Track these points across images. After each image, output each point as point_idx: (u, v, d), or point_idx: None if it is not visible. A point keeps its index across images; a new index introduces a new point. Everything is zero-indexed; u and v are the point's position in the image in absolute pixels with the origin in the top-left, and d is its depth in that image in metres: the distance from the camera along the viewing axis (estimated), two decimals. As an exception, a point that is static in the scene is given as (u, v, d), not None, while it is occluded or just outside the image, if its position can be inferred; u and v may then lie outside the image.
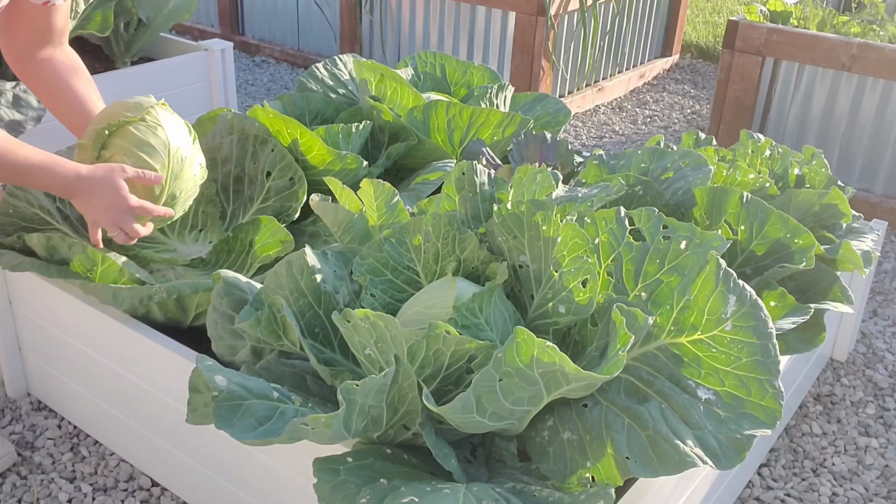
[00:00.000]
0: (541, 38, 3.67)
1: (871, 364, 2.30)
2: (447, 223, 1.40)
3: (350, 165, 1.99)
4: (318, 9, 4.48)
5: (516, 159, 1.99)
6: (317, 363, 1.31)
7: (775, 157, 1.96)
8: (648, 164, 1.81)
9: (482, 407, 1.12)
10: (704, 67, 4.84)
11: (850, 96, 3.13)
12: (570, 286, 1.26)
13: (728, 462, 1.11)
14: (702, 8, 6.01)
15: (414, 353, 1.16)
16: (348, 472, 1.12)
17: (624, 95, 4.35)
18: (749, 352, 1.15)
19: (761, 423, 1.13)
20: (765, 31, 3.19)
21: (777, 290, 1.52)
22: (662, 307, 1.22)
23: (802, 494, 1.84)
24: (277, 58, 4.70)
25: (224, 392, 1.16)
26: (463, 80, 2.51)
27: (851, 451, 1.98)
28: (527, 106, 2.45)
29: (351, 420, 1.12)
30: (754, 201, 1.60)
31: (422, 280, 1.43)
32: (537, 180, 1.50)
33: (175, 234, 1.93)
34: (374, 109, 2.18)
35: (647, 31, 4.52)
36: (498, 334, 1.27)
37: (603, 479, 1.15)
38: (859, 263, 1.68)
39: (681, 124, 4.00)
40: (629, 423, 1.17)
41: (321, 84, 2.39)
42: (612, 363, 1.10)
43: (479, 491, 1.09)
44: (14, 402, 1.97)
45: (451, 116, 2.13)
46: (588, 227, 1.29)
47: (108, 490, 1.75)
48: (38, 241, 1.70)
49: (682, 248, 1.24)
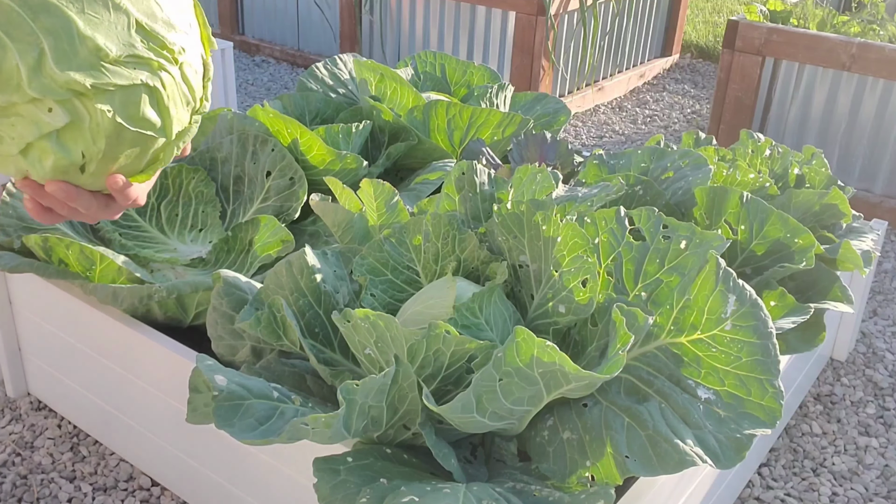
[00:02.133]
0: (541, 38, 3.67)
1: (871, 364, 2.30)
2: (447, 223, 1.40)
3: (350, 165, 1.99)
4: (318, 9, 4.48)
5: (516, 159, 1.99)
6: (317, 363, 1.31)
7: (775, 157, 1.96)
8: (648, 164, 1.81)
9: (482, 407, 1.12)
10: (704, 67, 4.84)
11: (850, 96, 3.13)
12: (570, 286, 1.26)
13: (728, 461, 1.11)
14: (702, 8, 6.01)
15: (414, 353, 1.16)
16: (348, 472, 1.12)
17: (624, 95, 4.35)
18: (749, 351, 1.15)
19: (761, 423, 1.13)
20: (765, 31, 3.19)
21: (777, 289, 1.52)
22: (662, 307, 1.22)
23: (802, 494, 1.84)
24: (277, 58, 4.70)
25: (224, 392, 1.16)
26: (463, 80, 2.52)
27: (851, 450, 1.98)
28: (526, 106, 2.46)
29: (351, 420, 1.12)
30: (754, 201, 1.60)
31: (422, 280, 1.43)
32: (537, 180, 1.50)
33: (175, 233, 1.93)
34: (374, 109, 2.18)
35: (647, 31, 4.52)
36: (498, 334, 1.27)
37: (603, 478, 1.15)
38: (859, 263, 1.68)
39: (681, 124, 4.00)
40: (629, 422, 1.17)
41: (321, 84, 2.39)
42: (612, 363, 1.10)
43: (479, 491, 1.09)
44: (14, 401, 1.97)
45: (451, 116, 2.13)
46: (588, 227, 1.29)
47: (108, 490, 1.75)
48: (35, 242, 1.70)
49: (682, 247, 1.24)
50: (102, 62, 0.78)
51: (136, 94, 0.81)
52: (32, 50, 0.76)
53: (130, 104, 0.81)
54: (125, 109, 0.81)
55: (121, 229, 1.90)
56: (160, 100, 0.83)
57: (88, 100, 0.79)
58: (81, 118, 0.79)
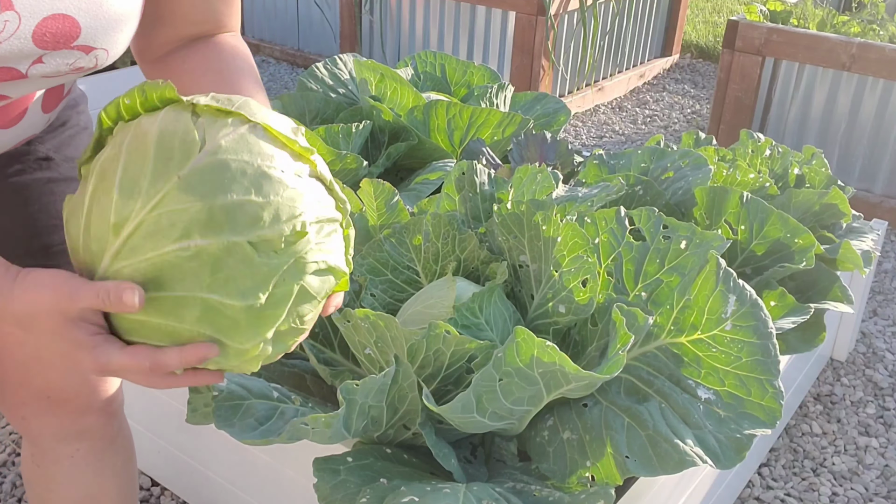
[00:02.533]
0: (541, 37, 3.67)
1: (871, 364, 2.30)
2: (447, 223, 1.40)
3: (350, 165, 1.99)
4: (318, 9, 4.48)
5: (516, 159, 1.99)
6: (317, 363, 1.31)
7: (775, 157, 1.96)
8: (648, 164, 1.81)
9: (482, 407, 1.12)
10: (704, 67, 4.84)
11: (850, 96, 3.13)
12: (570, 286, 1.26)
13: (728, 461, 1.11)
14: (702, 8, 6.01)
15: (414, 353, 1.16)
16: (348, 472, 1.12)
17: (624, 95, 4.35)
18: (749, 351, 1.15)
19: (761, 423, 1.13)
20: (765, 31, 3.19)
21: (777, 289, 1.52)
22: (662, 307, 1.22)
23: (802, 494, 1.84)
24: (277, 58, 4.70)
25: (224, 392, 1.16)
26: (463, 80, 2.51)
27: (851, 450, 1.98)
28: (526, 105, 2.45)
29: (351, 420, 1.12)
30: (754, 201, 1.60)
31: (422, 280, 1.43)
32: (537, 180, 1.50)
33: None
34: (374, 109, 2.18)
35: (647, 31, 4.52)
36: (498, 334, 1.26)
37: (603, 478, 1.15)
38: (859, 263, 1.68)
39: (681, 124, 4.00)
40: (629, 422, 1.17)
41: (321, 84, 2.39)
42: (612, 363, 1.10)
43: (479, 491, 1.09)
44: (14, 401, 1.97)
45: (451, 116, 2.13)
46: (588, 227, 1.29)
47: (108, 490, 1.75)
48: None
49: (682, 247, 1.24)
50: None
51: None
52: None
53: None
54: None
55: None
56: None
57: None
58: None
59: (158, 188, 0.70)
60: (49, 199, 1.06)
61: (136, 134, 0.73)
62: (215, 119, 0.73)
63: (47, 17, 0.76)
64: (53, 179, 1.06)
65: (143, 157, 0.71)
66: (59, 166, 1.07)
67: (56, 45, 0.78)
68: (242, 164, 0.71)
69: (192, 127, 0.72)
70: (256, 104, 0.76)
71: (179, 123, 0.72)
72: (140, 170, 0.71)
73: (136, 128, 0.74)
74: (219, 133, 0.72)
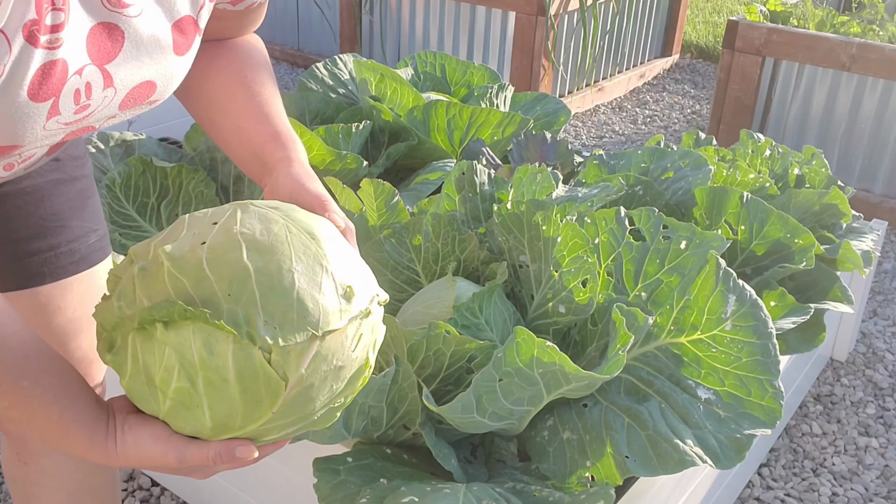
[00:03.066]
0: (541, 38, 3.67)
1: (871, 364, 2.30)
2: (447, 223, 1.40)
3: (350, 165, 1.99)
4: (318, 9, 4.48)
5: (516, 159, 1.99)
6: (317, 363, 1.31)
7: (775, 157, 1.96)
8: (648, 164, 1.81)
9: (482, 407, 1.12)
10: (704, 67, 4.84)
11: (850, 96, 3.13)
12: (570, 286, 1.26)
13: (728, 461, 1.11)
14: (702, 8, 6.01)
15: (414, 353, 1.16)
16: (348, 472, 1.12)
17: (624, 95, 4.35)
18: (749, 351, 1.15)
19: (761, 423, 1.13)
20: (765, 31, 3.19)
21: (777, 289, 1.52)
22: (662, 307, 1.22)
23: (802, 494, 1.84)
24: (277, 58, 4.70)
25: (224, 392, 1.16)
26: (463, 80, 2.52)
27: (851, 451, 1.98)
28: (526, 106, 2.46)
29: (351, 420, 1.12)
30: (754, 201, 1.60)
31: (422, 280, 1.43)
32: (537, 180, 1.50)
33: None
34: (374, 109, 2.18)
35: (647, 31, 4.52)
36: (498, 334, 1.27)
37: (603, 478, 1.15)
38: (859, 263, 1.68)
39: (681, 124, 4.00)
40: (629, 422, 1.17)
41: (321, 84, 2.39)
42: (612, 363, 1.10)
43: (479, 491, 1.09)
44: (14, 401, 1.97)
45: (451, 116, 2.13)
46: (588, 227, 1.29)
47: (108, 490, 1.75)
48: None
49: (682, 248, 1.24)
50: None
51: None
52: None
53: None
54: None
55: (120, 229, 1.90)
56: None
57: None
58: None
59: (254, 421, 0.77)
60: (58, 200, 1.10)
61: (206, 373, 0.75)
62: (287, 352, 0.74)
63: (136, 86, 0.82)
64: (62, 180, 1.10)
65: (231, 403, 0.75)
66: (66, 165, 1.11)
67: (132, 105, 0.85)
68: (323, 376, 0.77)
69: (270, 370, 0.74)
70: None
71: (254, 362, 0.74)
72: (229, 412, 0.76)
73: (181, 354, 0.76)
74: (297, 364, 0.75)
